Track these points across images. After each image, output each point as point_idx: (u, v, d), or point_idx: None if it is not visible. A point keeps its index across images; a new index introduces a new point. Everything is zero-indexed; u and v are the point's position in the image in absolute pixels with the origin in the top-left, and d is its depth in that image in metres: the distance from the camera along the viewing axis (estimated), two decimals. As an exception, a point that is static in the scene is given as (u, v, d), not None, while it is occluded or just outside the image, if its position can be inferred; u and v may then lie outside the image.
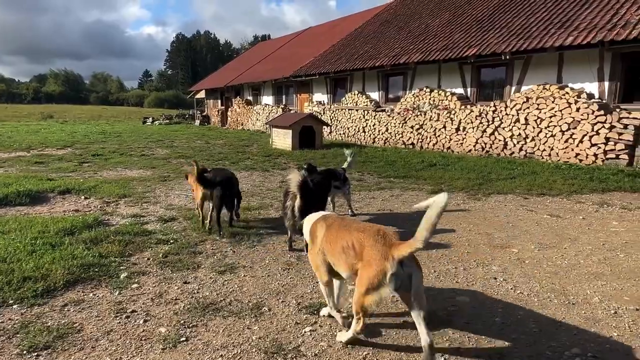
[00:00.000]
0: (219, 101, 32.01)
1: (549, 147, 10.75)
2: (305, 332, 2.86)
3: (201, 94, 35.86)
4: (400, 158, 12.17)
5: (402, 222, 5.78)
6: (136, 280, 3.79)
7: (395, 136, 15.24)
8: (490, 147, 12.15)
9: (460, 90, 13.88)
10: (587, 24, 10.41)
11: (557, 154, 10.58)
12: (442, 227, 5.52)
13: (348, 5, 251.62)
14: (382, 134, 15.81)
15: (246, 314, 3.12)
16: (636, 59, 10.08)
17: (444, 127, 13.41)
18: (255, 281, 3.77)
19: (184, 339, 2.78)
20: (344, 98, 18.22)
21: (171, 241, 4.93)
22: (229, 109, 28.45)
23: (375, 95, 17.24)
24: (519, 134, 11.41)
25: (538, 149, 11.02)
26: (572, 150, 10.28)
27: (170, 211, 6.54)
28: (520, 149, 11.42)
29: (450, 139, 13.26)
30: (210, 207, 5.36)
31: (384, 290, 2.39)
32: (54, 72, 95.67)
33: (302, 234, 3.49)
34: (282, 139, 15.79)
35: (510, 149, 11.64)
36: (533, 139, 11.10)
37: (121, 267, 4.08)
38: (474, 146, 12.55)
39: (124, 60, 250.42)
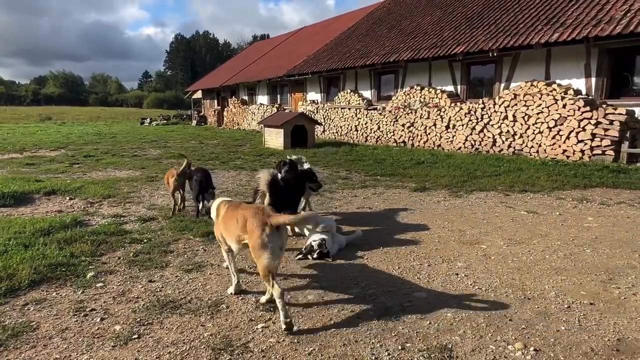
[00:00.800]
0: (215, 101, 32.07)
1: (537, 143, 10.75)
2: (257, 328, 2.89)
3: (198, 94, 35.93)
4: (390, 156, 12.19)
5: (378, 220, 5.81)
6: (102, 279, 3.82)
7: (387, 134, 15.26)
8: (480, 144, 12.16)
9: (450, 88, 13.90)
10: (572, 20, 10.41)
11: (545, 150, 10.59)
12: (416, 223, 5.55)
13: (346, 5, 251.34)
14: (374, 132, 15.83)
15: (203, 312, 3.15)
16: (622, 54, 10.08)
17: (434, 124, 13.42)
18: (219, 279, 3.80)
19: (136, 336, 2.81)
20: (336, 97, 18.25)
21: (145, 240, 4.96)
22: (225, 109, 28.51)
23: (367, 93, 17.26)
24: (507, 131, 11.41)
25: (526, 145, 11.03)
26: (559, 146, 10.28)
27: (151, 211, 6.57)
28: (509, 146, 11.43)
29: (441, 137, 13.27)
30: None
31: (268, 250, 2.91)
32: (53, 73, 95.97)
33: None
34: (274, 139, 15.82)
35: (499, 145, 11.65)
36: (521, 136, 11.11)
37: (90, 267, 4.11)
38: (464, 144, 12.56)
39: (123, 61, 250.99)
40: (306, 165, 6.02)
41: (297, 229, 5.10)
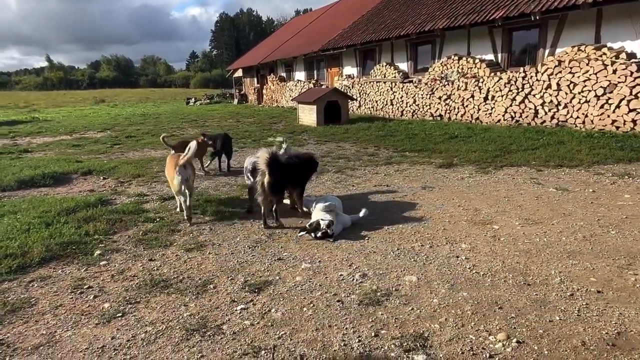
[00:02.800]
0: (255, 79, 32.26)
1: (583, 114, 9.92)
2: (236, 310, 2.88)
3: (239, 73, 36.27)
4: (423, 131, 11.75)
5: (392, 199, 5.61)
6: (107, 257, 3.96)
7: (423, 108, 14.70)
8: (520, 116, 11.41)
9: (490, 57, 13.06)
10: (627, -26, 9.33)
11: (592, 121, 9.76)
12: (431, 201, 5.31)
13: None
14: (409, 106, 15.30)
15: (190, 291, 3.19)
16: (685, 11, 8.96)
17: (472, 96, 12.73)
18: (216, 259, 3.83)
19: (120, 314, 2.89)
20: (372, 70, 17.74)
21: (157, 219, 5.10)
22: (264, 87, 28.63)
23: (403, 66, 16.63)
24: (551, 101, 10.61)
25: (571, 116, 10.21)
26: (608, 116, 9.43)
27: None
28: (552, 117, 10.64)
29: (479, 109, 12.59)
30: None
31: (177, 179, 4.74)
32: (106, 58, 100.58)
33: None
34: (308, 115, 15.70)
35: (542, 117, 10.88)
36: (565, 106, 10.29)
37: (100, 245, 4.28)
38: (503, 116, 11.84)
39: (170, 42, 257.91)
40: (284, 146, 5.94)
41: (305, 209, 5.05)
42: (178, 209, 5.36)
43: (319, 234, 4.14)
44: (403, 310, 2.75)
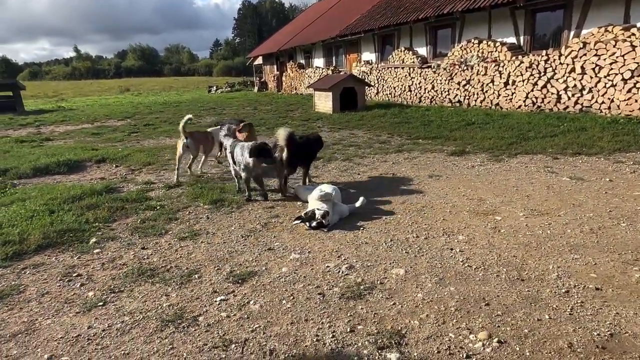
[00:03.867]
0: (275, 66, 32.14)
1: (609, 98, 9.42)
2: (215, 301, 2.83)
3: (259, 60, 36.21)
4: (440, 117, 11.44)
5: (396, 187, 5.46)
6: (102, 245, 3.99)
7: (442, 94, 14.30)
8: (542, 101, 10.94)
9: (512, 40, 12.54)
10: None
11: (618, 106, 9.25)
12: (435, 190, 5.13)
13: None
14: (427, 92, 14.91)
15: (174, 281, 3.16)
16: None
17: (492, 81, 12.28)
18: (207, 248, 3.79)
19: (101, 303, 2.89)
20: (390, 56, 17.35)
21: (158, 207, 5.11)
22: (283, 74, 28.49)
23: (422, 51, 16.19)
24: (574, 86, 10.11)
25: (596, 101, 9.71)
26: (636, 101, 8.92)
27: (181, 178, 6.76)
28: (576, 103, 10.15)
29: (499, 95, 12.14)
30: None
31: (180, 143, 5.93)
32: (132, 47, 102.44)
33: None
34: (324, 102, 15.53)
35: (564, 102, 10.40)
36: (590, 91, 9.79)
37: (97, 233, 4.31)
38: (524, 101, 11.38)
39: (194, 31, 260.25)
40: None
41: (302, 197, 4.98)
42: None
43: (314, 224, 4.05)
44: (384, 305, 2.64)
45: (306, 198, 4.76)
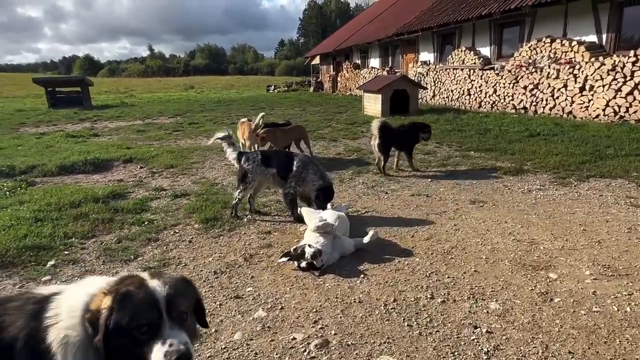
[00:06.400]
0: (331, 66, 31.45)
1: None
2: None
3: (317, 60, 35.73)
4: (499, 126, 10.07)
5: (425, 214, 4.44)
6: (56, 271, 3.41)
7: (505, 99, 12.76)
8: (627, 111, 9.22)
9: (592, 38, 10.80)
10: None
11: None
12: (474, 223, 4.06)
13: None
14: (488, 96, 13.42)
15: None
16: None
17: (565, 86, 10.64)
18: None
19: None
20: (450, 56, 15.95)
21: (146, 222, 4.51)
22: (339, 74, 27.71)
23: (486, 50, 14.66)
24: (670, 93, 8.35)
25: (698, 113, 7.93)
26: None
27: (194, 185, 6.23)
28: (671, 114, 8.39)
29: (572, 102, 10.49)
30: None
31: None
32: (200, 47, 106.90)
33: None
34: (373, 105, 14.53)
35: (656, 113, 8.65)
36: (691, 100, 8.02)
37: (65, 252, 3.76)
38: (603, 110, 9.69)
39: (260, 32, 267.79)
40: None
41: (307, 222, 4.12)
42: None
43: (303, 264, 3.19)
44: None
45: (311, 221, 3.91)
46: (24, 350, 1.25)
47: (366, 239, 3.53)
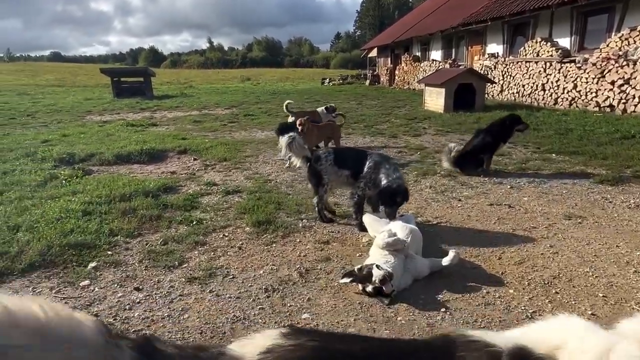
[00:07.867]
0: (389, 59, 30.44)
1: None
2: None
3: (374, 53, 34.81)
4: (582, 125, 8.97)
5: (510, 232, 3.75)
6: (97, 275, 3.11)
7: (587, 95, 11.45)
8: None
9: (701, 26, 9.33)
10: None
11: None
12: (572, 245, 3.33)
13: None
14: (567, 92, 12.12)
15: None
16: None
17: (664, 81, 9.29)
18: (209, 307, 2.64)
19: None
20: (522, 48, 14.66)
21: (195, 222, 4.16)
22: (397, 67, 26.72)
23: (565, 42, 13.27)
24: None
25: None
26: None
27: (247, 181, 5.89)
28: None
29: (673, 100, 9.13)
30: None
31: None
32: (257, 39, 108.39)
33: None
34: (435, 100, 13.64)
35: None
36: None
37: (108, 252, 3.48)
38: None
39: (315, 25, 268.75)
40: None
41: (369, 231, 3.57)
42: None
43: (369, 288, 2.66)
44: None
45: (374, 235, 3.37)
46: None
47: (445, 261, 2.92)
